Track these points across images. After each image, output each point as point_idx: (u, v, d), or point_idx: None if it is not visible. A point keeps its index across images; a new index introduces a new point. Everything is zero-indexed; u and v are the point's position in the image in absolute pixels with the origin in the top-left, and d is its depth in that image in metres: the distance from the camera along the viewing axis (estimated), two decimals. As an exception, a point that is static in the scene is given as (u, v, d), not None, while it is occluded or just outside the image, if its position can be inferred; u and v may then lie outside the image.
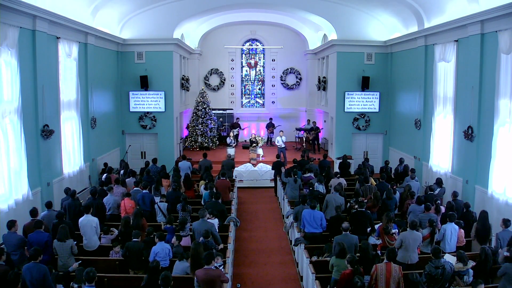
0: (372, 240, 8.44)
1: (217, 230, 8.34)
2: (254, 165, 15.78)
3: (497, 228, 8.71)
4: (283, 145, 16.21)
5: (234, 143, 16.57)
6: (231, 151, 16.22)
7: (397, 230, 8.25)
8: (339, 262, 6.82)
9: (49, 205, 8.65)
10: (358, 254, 7.61)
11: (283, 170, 13.50)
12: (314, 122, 18.75)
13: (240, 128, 20.05)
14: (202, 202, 10.50)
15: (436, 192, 10.47)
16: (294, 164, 13.32)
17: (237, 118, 20.61)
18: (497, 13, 9.37)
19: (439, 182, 10.80)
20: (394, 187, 10.36)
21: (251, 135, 18.71)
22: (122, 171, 12.52)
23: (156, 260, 6.57)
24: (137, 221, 8.29)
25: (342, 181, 11.49)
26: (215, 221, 8.74)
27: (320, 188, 11.12)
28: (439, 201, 9.31)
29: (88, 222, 7.98)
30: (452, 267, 6.63)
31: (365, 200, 9.60)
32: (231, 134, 17.00)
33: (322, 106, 19.63)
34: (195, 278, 6.35)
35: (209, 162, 13.36)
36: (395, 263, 6.64)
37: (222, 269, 6.87)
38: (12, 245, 7.11)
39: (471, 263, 6.97)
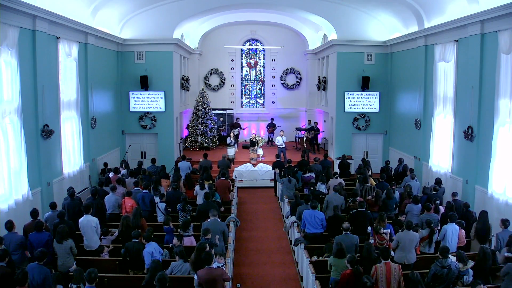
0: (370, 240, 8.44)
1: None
2: (254, 165, 15.78)
3: (497, 228, 8.71)
4: (283, 145, 16.22)
5: (234, 143, 16.57)
6: (231, 151, 16.21)
7: (389, 230, 8.22)
8: (337, 262, 6.82)
9: (53, 206, 8.66)
10: (358, 254, 7.63)
11: (276, 171, 13.52)
12: (315, 123, 18.75)
13: (240, 128, 20.05)
14: (199, 202, 10.50)
15: (433, 192, 10.47)
16: (289, 165, 13.32)
17: (237, 118, 20.61)
18: (497, 13, 9.37)
19: (438, 181, 10.80)
20: (393, 187, 10.35)
21: (251, 135, 18.71)
22: (124, 171, 12.52)
23: (156, 260, 6.57)
24: (137, 221, 8.30)
25: (341, 181, 11.49)
26: None
27: (322, 188, 11.12)
28: (438, 201, 9.30)
29: (88, 222, 7.99)
30: (457, 267, 6.62)
31: (362, 200, 9.60)
32: (232, 134, 17.00)
33: (322, 106, 19.64)
34: (196, 278, 6.35)
35: (209, 162, 13.37)
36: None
37: (224, 269, 6.87)
38: (13, 245, 7.11)
39: (471, 263, 6.97)
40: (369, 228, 8.56)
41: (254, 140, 17.19)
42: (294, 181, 11.87)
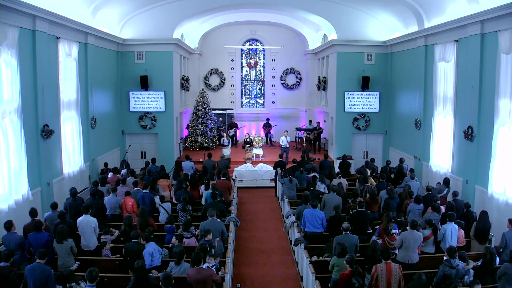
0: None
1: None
2: (254, 165, 15.77)
3: (497, 228, 8.72)
4: (287, 145, 16.22)
5: (228, 143, 16.57)
6: (226, 151, 16.21)
7: (397, 230, 8.25)
8: (340, 262, 6.81)
9: (54, 206, 8.64)
10: (358, 254, 7.63)
11: (279, 171, 13.50)
12: (318, 122, 18.75)
13: (237, 127, 20.06)
14: (203, 202, 10.51)
15: (444, 192, 10.48)
16: (294, 165, 13.30)
17: (232, 118, 20.62)
18: (497, 13, 9.37)
19: (446, 181, 10.78)
20: (388, 187, 10.32)
21: (246, 135, 18.75)
22: (124, 171, 12.52)
23: (141, 261, 6.46)
24: (144, 221, 8.30)
25: (343, 181, 11.49)
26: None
27: (322, 188, 11.10)
28: (439, 201, 9.30)
29: (88, 222, 7.99)
30: (464, 267, 6.63)
31: (362, 200, 9.60)
32: (225, 134, 17.03)
33: (322, 106, 19.63)
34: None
35: (212, 162, 13.40)
36: (394, 262, 6.64)
37: (214, 270, 6.85)
38: (13, 245, 7.11)
39: (472, 263, 6.96)
40: (377, 228, 8.51)
41: (248, 140, 17.22)
42: (295, 181, 11.85)
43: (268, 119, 20.49)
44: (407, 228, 7.59)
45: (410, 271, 7.02)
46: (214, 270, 6.82)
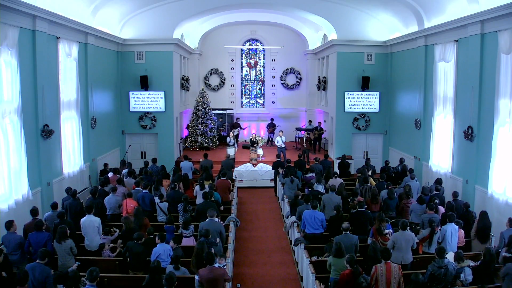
0: (368, 241, 8.43)
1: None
2: (254, 165, 15.78)
3: (497, 228, 8.72)
4: (283, 145, 16.22)
5: (233, 142, 16.56)
6: (231, 151, 16.21)
7: (390, 230, 8.22)
8: (336, 262, 6.83)
9: (54, 206, 8.64)
10: (358, 254, 7.63)
11: (280, 170, 13.51)
12: (319, 123, 18.72)
13: (240, 128, 20.06)
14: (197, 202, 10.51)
15: (434, 192, 10.47)
16: (288, 165, 13.30)
17: (237, 118, 20.62)
18: (497, 13, 9.37)
19: (438, 181, 10.79)
20: (390, 187, 10.32)
21: (251, 135, 18.73)
22: (124, 171, 12.51)
23: (157, 260, 6.57)
24: (139, 221, 8.30)
25: (340, 181, 11.47)
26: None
27: (320, 188, 11.11)
28: (437, 201, 9.28)
29: (91, 222, 8.00)
30: (455, 267, 6.62)
31: (362, 200, 9.59)
32: (231, 134, 17.02)
33: (322, 106, 19.64)
34: (197, 278, 6.35)
35: (210, 162, 13.37)
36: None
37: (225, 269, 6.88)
38: (12, 245, 7.12)
39: (468, 262, 6.95)
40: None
41: (254, 140, 17.21)
42: (297, 181, 11.84)
43: (272, 119, 20.48)
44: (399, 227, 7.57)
45: (405, 271, 7.01)
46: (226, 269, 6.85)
